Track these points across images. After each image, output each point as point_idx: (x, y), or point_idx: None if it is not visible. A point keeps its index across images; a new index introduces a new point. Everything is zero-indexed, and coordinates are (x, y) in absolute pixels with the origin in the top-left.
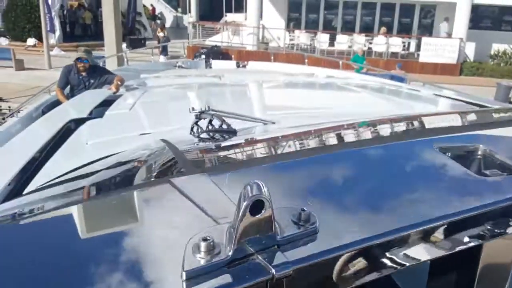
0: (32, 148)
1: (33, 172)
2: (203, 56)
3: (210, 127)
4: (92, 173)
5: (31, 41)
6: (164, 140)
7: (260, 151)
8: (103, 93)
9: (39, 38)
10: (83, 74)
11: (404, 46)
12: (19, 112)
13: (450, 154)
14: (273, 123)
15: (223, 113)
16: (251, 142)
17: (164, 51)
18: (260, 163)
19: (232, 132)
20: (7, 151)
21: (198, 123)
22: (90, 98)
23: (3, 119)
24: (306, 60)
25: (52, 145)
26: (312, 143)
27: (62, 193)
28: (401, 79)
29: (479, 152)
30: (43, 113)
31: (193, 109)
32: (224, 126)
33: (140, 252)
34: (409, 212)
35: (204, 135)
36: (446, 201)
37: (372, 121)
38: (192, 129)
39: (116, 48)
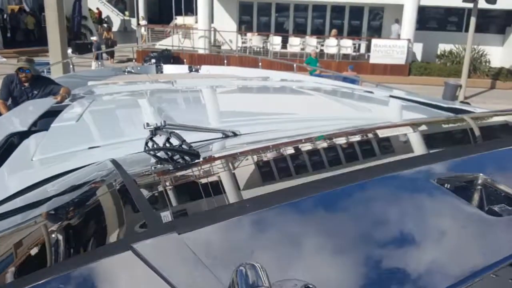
0: None
1: None
2: (153, 61)
3: (167, 144)
4: (38, 204)
5: None
6: (115, 163)
7: (232, 184)
8: (46, 102)
9: None
10: (26, 84)
11: (355, 47)
12: None
13: (444, 183)
14: (235, 134)
15: (181, 127)
16: (218, 168)
17: (99, 56)
18: (241, 211)
19: (195, 155)
20: None
21: (154, 138)
22: (32, 109)
23: None
24: (260, 64)
25: None
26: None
27: (7, 224)
28: (353, 81)
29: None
30: None
31: (147, 124)
32: (185, 147)
33: None
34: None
35: (160, 154)
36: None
37: (343, 133)
38: (146, 144)
39: (61, 54)
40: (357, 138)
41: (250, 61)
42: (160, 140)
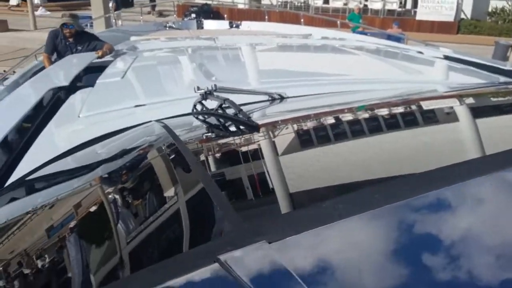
0: (15, 116)
1: (26, 144)
2: (193, 15)
3: (219, 111)
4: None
5: (14, 0)
6: (172, 135)
7: (308, 170)
8: (88, 57)
9: None
10: (70, 40)
11: (400, 3)
12: (5, 79)
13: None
14: (282, 97)
15: (231, 90)
16: (286, 146)
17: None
18: (333, 216)
19: (253, 127)
20: None
21: (203, 102)
22: (73, 63)
23: None
24: (302, 20)
25: (36, 116)
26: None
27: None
28: (398, 39)
29: None
30: None
31: (198, 88)
32: (241, 117)
33: None
34: None
35: (212, 120)
36: None
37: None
38: (194, 106)
39: (103, 8)
40: (428, 105)
41: (291, 17)
42: (210, 104)
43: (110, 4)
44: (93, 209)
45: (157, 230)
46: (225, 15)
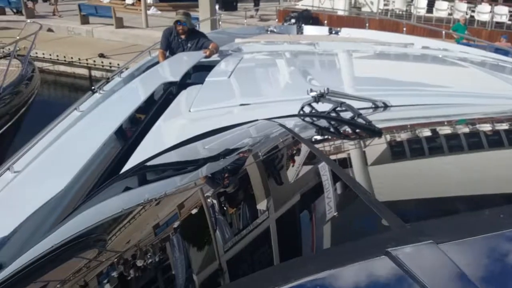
0: (129, 107)
1: (140, 134)
2: (292, 21)
3: (333, 114)
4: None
5: None
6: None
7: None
8: (196, 56)
9: None
10: (182, 37)
11: (511, 15)
12: (121, 72)
13: None
14: (386, 105)
15: (343, 95)
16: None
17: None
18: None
19: (377, 133)
20: (105, 110)
21: (313, 104)
22: (183, 61)
23: (108, 79)
24: (404, 28)
25: (148, 107)
26: None
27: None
28: (506, 53)
29: None
30: None
31: (311, 90)
32: (361, 121)
33: None
34: None
35: (322, 123)
36: None
37: None
38: (302, 108)
39: (210, 11)
40: None
41: (392, 25)
42: (320, 107)
43: (217, 7)
44: (223, 201)
45: (315, 224)
46: (325, 21)
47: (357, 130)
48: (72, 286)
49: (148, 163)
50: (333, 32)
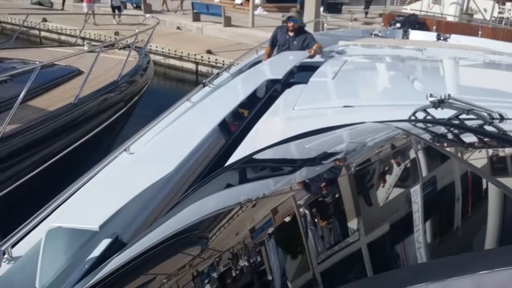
0: (234, 101)
1: (244, 129)
2: (397, 25)
3: (455, 121)
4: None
5: None
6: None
7: None
8: (300, 56)
9: None
10: (291, 34)
11: None
12: (230, 68)
13: None
14: (502, 118)
15: (460, 101)
16: None
17: None
18: None
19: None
20: (213, 103)
21: (428, 110)
22: (287, 59)
23: (218, 74)
24: None
25: (252, 103)
26: None
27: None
28: None
29: None
30: None
31: (431, 95)
32: (492, 129)
33: None
34: None
35: (439, 129)
36: None
37: None
38: (414, 114)
39: (314, 13)
40: None
41: (506, 34)
42: (438, 113)
43: (321, 9)
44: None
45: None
46: (434, 27)
47: (486, 139)
48: (176, 283)
49: (254, 157)
50: (442, 38)
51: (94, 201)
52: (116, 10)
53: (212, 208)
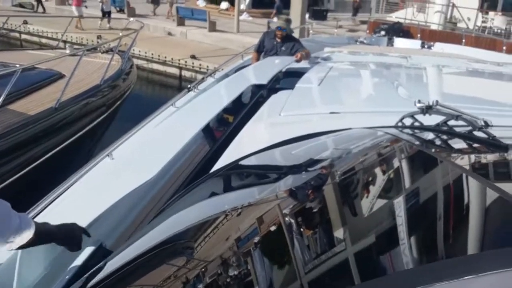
0: (217, 106)
1: (230, 135)
2: (382, 33)
3: (443, 127)
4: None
5: (224, 4)
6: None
7: None
8: (284, 61)
9: (232, 3)
10: (278, 40)
11: None
12: (215, 73)
13: None
14: (487, 124)
15: (447, 108)
16: None
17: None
18: None
19: (503, 148)
20: (198, 108)
21: (416, 116)
22: (272, 65)
23: (203, 79)
24: (504, 47)
25: (238, 108)
26: None
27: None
28: None
29: None
30: None
31: (419, 101)
32: (480, 135)
33: None
34: None
35: (427, 135)
36: None
37: None
38: (401, 120)
39: (300, 19)
40: None
41: (489, 43)
42: (425, 119)
43: (307, 16)
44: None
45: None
46: (418, 35)
47: (476, 145)
48: None
49: (239, 163)
50: (426, 46)
51: (75, 206)
52: (107, 15)
53: (197, 216)
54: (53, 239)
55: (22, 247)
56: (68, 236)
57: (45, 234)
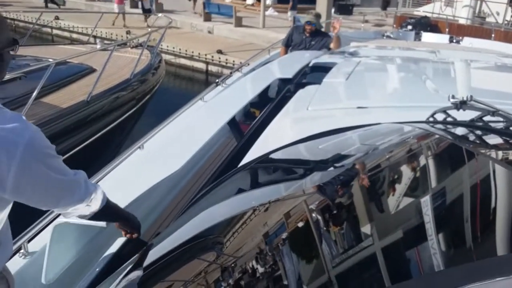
0: (248, 101)
1: (258, 129)
2: (409, 27)
3: (479, 123)
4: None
5: (250, 0)
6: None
7: None
8: (311, 55)
9: None
10: (307, 35)
11: None
12: (243, 68)
13: None
14: None
15: (482, 104)
16: None
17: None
18: None
19: None
20: (225, 102)
21: (448, 111)
22: (297, 59)
23: (231, 73)
24: None
25: (266, 103)
26: None
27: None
28: None
29: None
30: None
31: (453, 96)
32: None
33: None
34: None
35: (462, 131)
36: None
37: None
38: (433, 115)
39: (326, 14)
40: None
41: None
42: (458, 115)
43: (332, 11)
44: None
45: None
46: (447, 29)
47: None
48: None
49: (268, 158)
50: (454, 40)
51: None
52: (147, 13)
53: (226, 211)
54: (118, 217)
55: (91, 218)
56: (130, 220)
57: (113, 209)
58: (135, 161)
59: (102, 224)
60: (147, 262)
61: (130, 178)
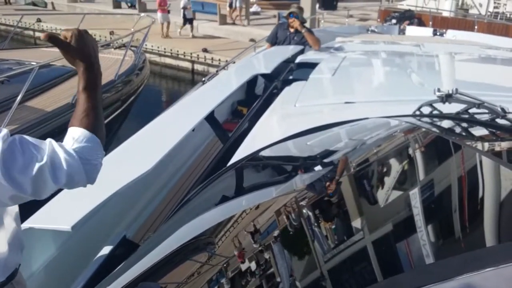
0: (234, 99)
1: (246, 127)
2: (393, 21)
3: (465, 116)
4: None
5: None
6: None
7: None
8: (289, 50)
9: None
10: (291, 30)
11: None
12: (229, 66)
13: None
14: (504, 112)
15: (467, 96)
16: None
17: None
18: None
19: None
20: (211, 100)
21: (434, 104)
22: (277, 54)
23: (217, 71)
24: None
25: (253, 100)
26: None
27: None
28: None
29: None
30: None
31: (439, 90)
32: (502, 122)
33: None
34: None
35: (448, 123)
36: None
37: None
38: (419, 109)
39: (310, 9)
40: None
41: (502, 29)
42: (444, 108)
43: (317, 6)
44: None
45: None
46: (430, 22)
47: (500, 132)
48: None
49: (256, 156)
50: (438, 33)
51: (94, 200)
52: (188, 22)
53: (217, 211)
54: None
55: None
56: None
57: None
58: (122, 163)
59: (67, 228)
60: (138, 265)
61: (117, 179)
